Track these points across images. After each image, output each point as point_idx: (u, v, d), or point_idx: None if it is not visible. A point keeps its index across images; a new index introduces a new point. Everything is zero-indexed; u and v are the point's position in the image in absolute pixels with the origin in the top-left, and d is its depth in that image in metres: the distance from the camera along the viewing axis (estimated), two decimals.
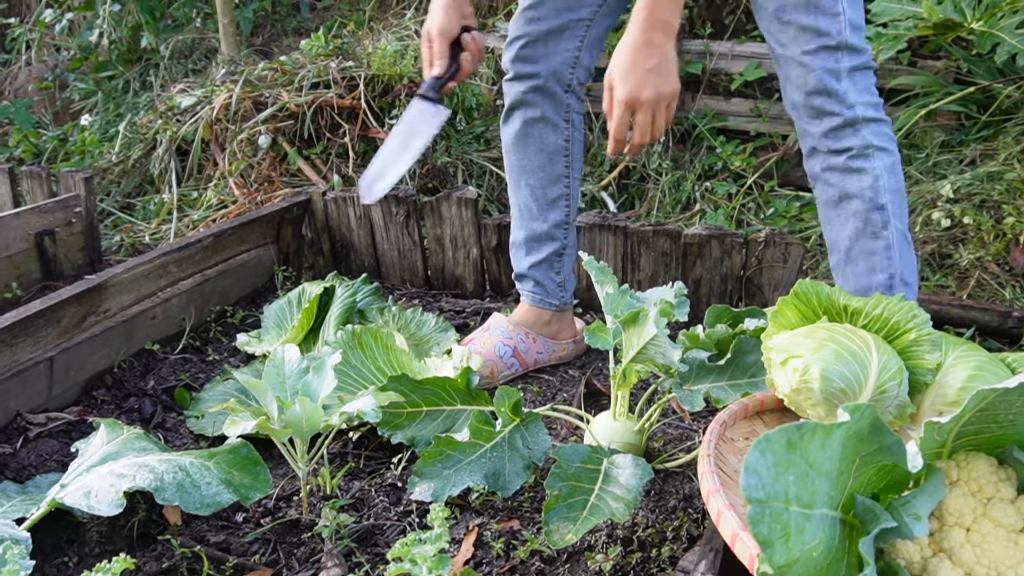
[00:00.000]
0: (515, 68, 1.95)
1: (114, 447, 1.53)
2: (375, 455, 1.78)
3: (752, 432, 1.36)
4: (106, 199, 3.48)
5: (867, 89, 1.72)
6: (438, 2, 1.90)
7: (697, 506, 1.56)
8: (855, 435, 0.87)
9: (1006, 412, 0.95)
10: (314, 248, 2.75)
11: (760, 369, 1.53)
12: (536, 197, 2.04)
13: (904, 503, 0.93)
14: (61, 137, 4.10)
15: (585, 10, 1.88)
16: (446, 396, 1.72)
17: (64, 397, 1.92)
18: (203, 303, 2.34)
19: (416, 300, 2.58)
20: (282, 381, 1.60)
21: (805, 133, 1.76)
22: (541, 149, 1.99)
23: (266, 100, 3.33)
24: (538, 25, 1.88)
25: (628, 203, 3.56)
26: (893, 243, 1.72)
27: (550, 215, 2.05)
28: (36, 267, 2.65)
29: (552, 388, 2.08)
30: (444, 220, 2.59)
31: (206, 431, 1.85)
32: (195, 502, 1.38)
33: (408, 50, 3.64)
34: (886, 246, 1.72)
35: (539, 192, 2.03)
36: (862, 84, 1.70)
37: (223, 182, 3.25)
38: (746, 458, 0.77)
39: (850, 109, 1.68)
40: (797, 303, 1.34)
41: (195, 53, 4.61)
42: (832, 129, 1.70)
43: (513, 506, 1.59)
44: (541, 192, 2.03)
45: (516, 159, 2.04)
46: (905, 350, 1.25)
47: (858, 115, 1.69)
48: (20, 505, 1.49)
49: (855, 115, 1.68)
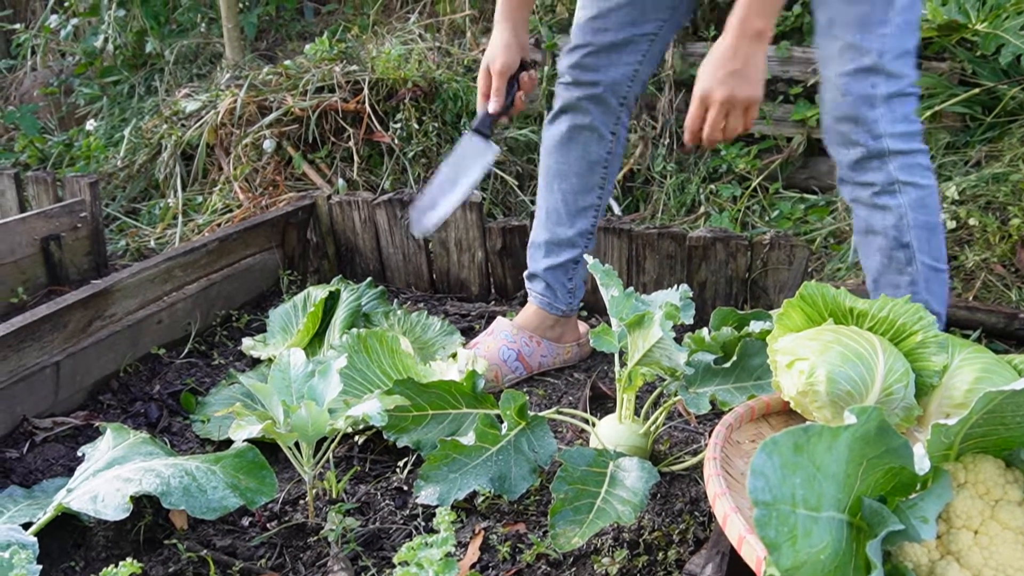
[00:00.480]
0: (574, 74, 1.93)
1: (120, 451, 1.53)
2: (381, 459, 1.78)
3: (758, 435, 1.35)
4: (111, 204, 3.49)
5: (904, 118, 1.66)
6: (501, 38, 1.90)
7: (703, 509, 1.55)
8: (862, 437, 0.87)
9: (1013, 414, 0.95)
10: (319, 252, 2.75)
11: (766, 371, 1.52)
12: (567, 203, 2.03)
13: (911, 506, 0.93)
14: (66, 142, 4.11)
15: (650, 25, 1.88)
16: (451, 400, 1.72)
17: (70, 402, 1.92)
18: (208, 307, 2.35)
19: (421, 304, 2.58)
20: (288, 385, 1.60)
21: (835, 159, 1.74)
22: (583, 156, 1.98)
23: (271, 104, 3.34)
24: (603, 36, 1.88)
25: (633, 206, 3.56)
26: (918, 279, 1.71)
27: (577, 222, 2.04)
28: (42, 272, 2.66)
29: (558, 391, 2.08)
30: (449, 224, 2.59)
31: (212, 435, 1.85)
32: (201, 506, 1.38)
33: (412, 54, 3.64)
34: (910, 281, 1.71)
35: (571, 198, 2.02)
36: (899, 112, 1.65)
37: (228, 186, 3.25)
38: (752, 460, 0.77)
39: (876, 140, 1.64)
40: (803, 305, 1.34)
41: (200, 58, 4.62)
42: (857, 161, 1.68)
43: (519, 509, 1.59)
44: (573, 199, 2.02)
45: (555, 161, 2.02)
46: (911, 352, 1.25)
47: (885, 147, 1.64)
48: (27, 509, 1.49)
49: (881, 147, 1.64)
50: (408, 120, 3.27)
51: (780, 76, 3.64)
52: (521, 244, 2.54)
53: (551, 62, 3.86)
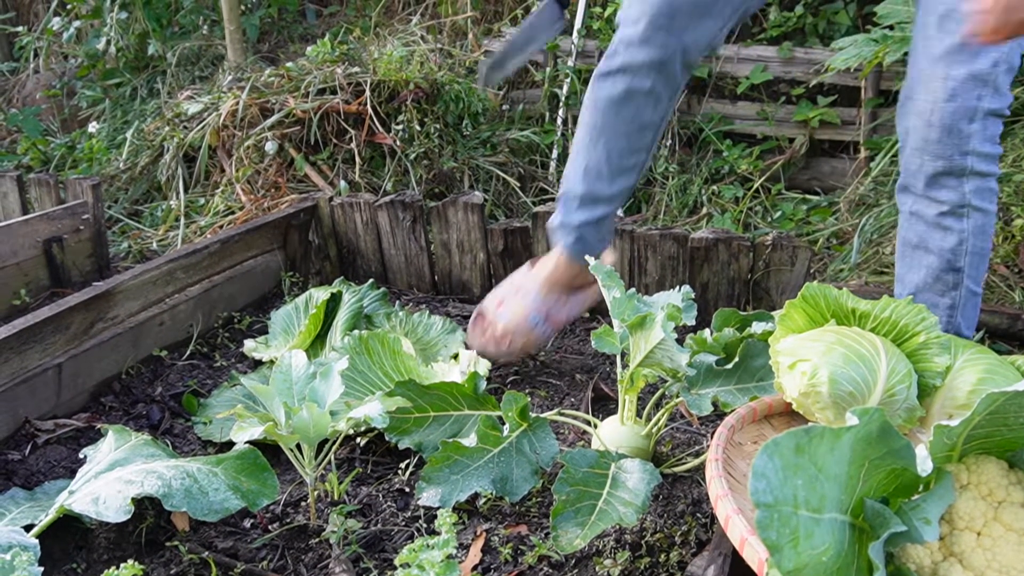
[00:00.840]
0: (645, 33, 1.78)
1: (122, 453, 1.53)
2: (383, 460, 1.78)
3: (760, 436, 1.35)
4: (114, 206, 3.49)
5: (992, 139, 1.58)
6: None
7: (706, 510, 1.55)
8: (864, 439, 0.86)
9: (1016, 415, 0.94)
10: (321, 254, 2.75)
11: (768, 373, 1.52)
12: (611, 161, 1.93)
13: (914, 507, 0.93)
14: (69, 144, 4.12)
15: None
16: (453, 401, 1.72)
17: (72, 403, 1.92)
18: (210, 309, 2.35)
19: (423, 305, 2.58)
20: (289, 387, 1.60)
21: (907, 162, 1.64)
22: (634, 119, 1.88)
23: (273, 106, 3.34)
24: None
25: (635, 207, 3.56)
26: (958, 303, 1.66)
27: (618, 180, 1.95)
28: (44, 274, 2.66)
29: (560, 392, 2.07)
30: (451, 225, 2.59)
31: (214, 437, 1.85)
32: (203, 508, 1.38)
33: (414, 56, 3.65)
34: (950, 305, 1.67)
35: (615, 157, 1.93)
36: (991, 131, 1.57)
37: (230, 188, 3.25)
38: (754, 462, 0.77)
39: (963, 156, 1.55)
40: (805, 306, 1.33)
41: (202, 60, 4.63)
42: (934, 175, 1.58)
43: (521, 511, 1.59)
44: (618, 158, 1.93)
45: (604, 119, 1.91)
46: (914, 353, 1.24)
47: (968, 165, 1.56)
48: (29, 511, 1.49)
49: (964, 165, 1.56)
50: (410, 122, 3.27)
51: (782, 77, 3.64)
52: (523, 246, 2.54)
53: (553, 63, 3.86)
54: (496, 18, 4.55)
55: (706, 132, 3.64)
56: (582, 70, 3.76)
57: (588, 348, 2.30)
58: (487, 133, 3.60)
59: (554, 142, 3.72)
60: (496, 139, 3.60)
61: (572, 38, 3.77)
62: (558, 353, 2.27)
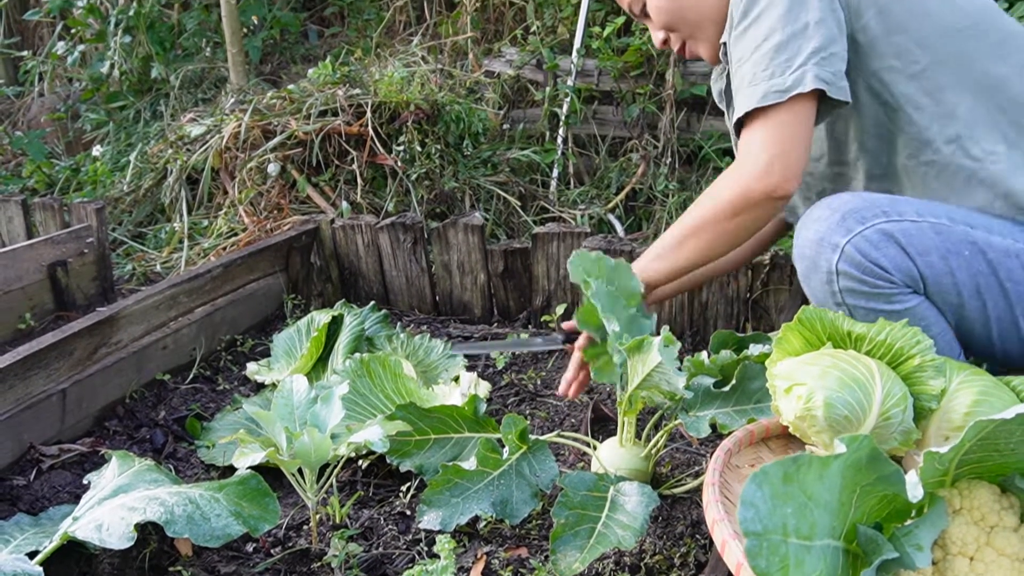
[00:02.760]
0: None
1: (125, 479, 1.54)
2: (384, 483, 1.79)
3: (758, 459, 1.36)
4: (118, 228, 3.52)
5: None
6: None
7: (704, 532, 1.56)
8: (853, 465, 0.87)
9: (1006, 441, 0.95)
10: (323, 276, 2.77)
11: (765, 395, 1.53)
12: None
13: (907, 533, 0.94)
14: (73, 167, 4.16)
15: None
16: (453, 424, 1.73)
17: (77, 428, 1.94)
18: (213, 332, 2.36)
19: (424, 326, 2.60)
20: (291, 412, 1.61)
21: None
22: None
23: (275, 128, 3.37)
24: None
25: (635, 225, 3.58)
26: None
27: None
28: (49, 298, 2.68)
29: (560, 413, 2.08)
30: (451, 246, 2.61)
31: (216, 461, 1.86)
32: (205, 534, 1.39)
33: (414, 77, 3.68)
34: None
35: None
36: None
37: (233, 210, 3.28)
38: (742, 491, 0.78)
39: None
40: (801, 329, 1.34)
41: (205, 82, 4.66)
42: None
43: (521, 534, 1.59)
44: None
45: None
46: (909, 376, 1.25)
47: None
48: (33, 538, 1.50)
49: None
50: (411, 142, 3.30)
51: None
52: (523, 266, 2.56)
53: (553, 83, 3.88)
54: (496, 38, 4.58)
55: (706, 149, 3.66)
56: (581, 89, 3.79)
57: None
58: (488, 153, 3.62)
59: (554, 161, 3.74)
60: (497, 159, 3.62)
61: (572, 57, 3.79)
62: (558, 373, 2.28)
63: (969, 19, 1.51)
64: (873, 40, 1.50)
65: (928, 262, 1.36)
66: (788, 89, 1.41)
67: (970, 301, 1.39)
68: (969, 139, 1.48)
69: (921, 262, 1.36)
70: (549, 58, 3.87)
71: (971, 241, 1.38)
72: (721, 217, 1.47)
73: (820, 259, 1.41)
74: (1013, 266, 1.38)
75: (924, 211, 1.40)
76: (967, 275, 1.37)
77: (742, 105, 1.47)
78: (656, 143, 3.74)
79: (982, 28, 1.51)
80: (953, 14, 1.51)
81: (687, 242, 1.52)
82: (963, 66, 1.49)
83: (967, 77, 1.49)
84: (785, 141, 1.43)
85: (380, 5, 5.04)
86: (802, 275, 1.48)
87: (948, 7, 1.51)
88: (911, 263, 1.36)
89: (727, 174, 1.48)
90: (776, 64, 1.43)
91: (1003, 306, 1.39)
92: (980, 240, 1.39)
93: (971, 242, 1.38)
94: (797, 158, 1.43)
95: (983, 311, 1.40)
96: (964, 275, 1.37)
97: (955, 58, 1.49)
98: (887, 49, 1.50)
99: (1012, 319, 1.40)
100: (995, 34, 1.51)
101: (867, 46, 1.51)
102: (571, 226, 2.52)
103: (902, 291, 1.37)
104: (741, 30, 1.51)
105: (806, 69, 1.41)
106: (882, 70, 1.51)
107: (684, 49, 1.77)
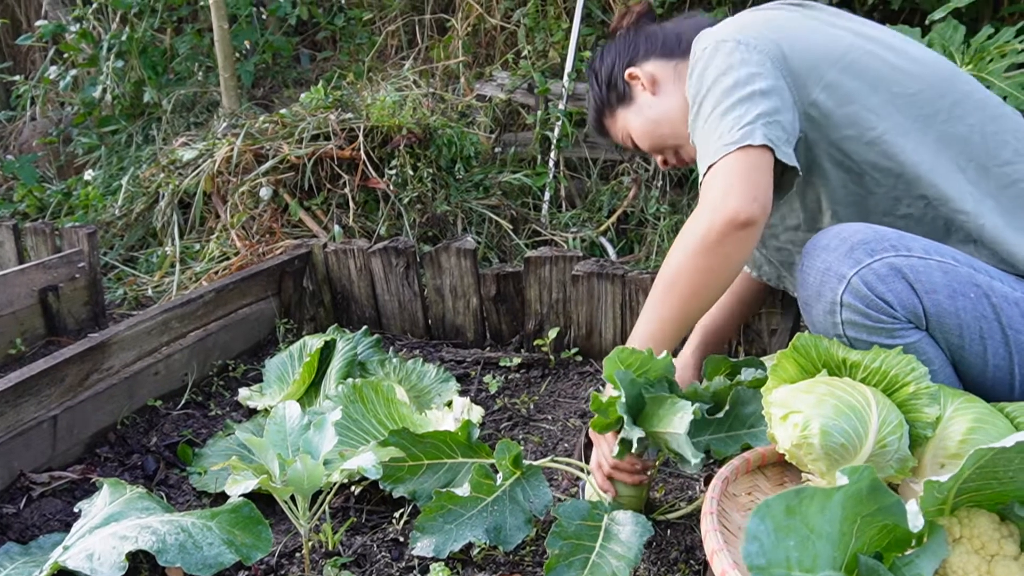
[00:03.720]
0: None
1: (117, 507, 1.53)
2: (377, 509, 1.78)
3: (754, 487, 1.35)
4: (109, 252, 3.51)
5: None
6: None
7: (699, 557, 1.55)
8: (854, 496, 0.87)
9: (1005, 469, 0.95)
10: (315, 300, 2.76)
11: (759, 419, 1.53)
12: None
13: (907, 562, 0.93)
14: (65, 191, 4.14)
15: None
16: (447, 449, 1.73)
17: (68, 455, 1.92)
18: (205, 358, 2.35)
19: (417, 350, 2.59)
20: (283, 438, 1.60)
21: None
22: None
23: (267, 152, 3.37)
24: None
25: (627, 247, 3.58)
26: None
27: None
28: (40, 323, 2.66)
29: (553, 438, 2.08)
30: (444, 270, 2.60)
31: (209, 488, 1.85)
32: (197, 563, 1.38)
33: (406, 100, 3.69)
34: None
35: None
36: None
37: (225, 234, 3.27)
38: (747, 525, 0.78)
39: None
40: (796, 356, 1.34)
41: (197, 106, 4.67)
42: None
43: (515, 560, 1.58)
44: None
45: None
46: (904, 403, 1.25)
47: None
48: (23, 567, 1.48)
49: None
50: (403, 166, 3.30)
51: None
52: (515, 290, 2.55)
53: (544, 106, 3.90)
54: (488, 62, 4.60)
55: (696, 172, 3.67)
56: (573, 113, 3.80)
57: (581, 392, 2.30)
58: (479, 176, 3.63)
59: (546, 184, 3.75)
60: (489, 182, 3.63)
61: (563, 81, 3.81)
62: (551, 397, 2.28)
63: (921, 83, 1.52)
64: (826, 113, 1.52)
65: (935, 300, 1.35)
66: (737, 142, 1.41)
67: (971, 344, 1.38)
68: (936, 199, 1.49)
69: (928, 300, 1.35)
70: (540, 82, 3.89)
71: (975, 284, 1.38)
72: (692, 259, 1.43)
73: (825, 288, 1.40)
74: (1014, 314, 1.38)
75: (931, 249, 1.40)
76: (971, 317, 1.36)
77: (702, 169, 1.49)
78: (647, 166, 3.76)
79: (936, 91, 1.51)
80: (904, 80, 1.52)
81: (670, 296, 1.48)
82: (919, 129, 1.50)
83: (925, 139, 1.50)
84: (739, 174, 1.42)
85: (372, 29, 5.06)
86: (803, 302, 1.47)
87: (899, 73, 1.52)
88: (917, 300, 1.35)
89: (688, 222, 1.47)
90: (725, 126, 1.44)
91: (1003, 353, 1.38)
92: (984, 284, 1.38)
93: (976, 284, 1.38)
94: (755, 184, 1.41)
95: (983, 355, 1.39)
96: (969, 317, 1.36)
97: (910, 122, 1.50)
98: (841, 120, 1.51)
99: (1009, 367, 1.40)
100: (950, 95, 1.51)
101: (821, 119, 1.52)
102: (563, 250, 2.52)
103: (904, 327, 1.36)
104: (695, 112, 1.53)
105: (754, 127, 1.41)
106: (840, 140, 1.53)
107: (681, 160, 1.84)
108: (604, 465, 1.56)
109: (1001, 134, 1.50)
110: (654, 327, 1.50)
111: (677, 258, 1.45)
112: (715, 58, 1.51)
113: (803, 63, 1.52)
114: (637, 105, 1.80)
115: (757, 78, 1.47)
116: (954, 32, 2.91)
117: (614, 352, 1.43)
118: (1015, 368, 1.39)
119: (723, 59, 1.50)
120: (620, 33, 1.87)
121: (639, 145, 1.85)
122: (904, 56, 1.55)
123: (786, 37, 1.53)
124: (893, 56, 1.54)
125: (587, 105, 1.95)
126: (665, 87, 1.76)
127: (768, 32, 1.54)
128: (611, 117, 1.87)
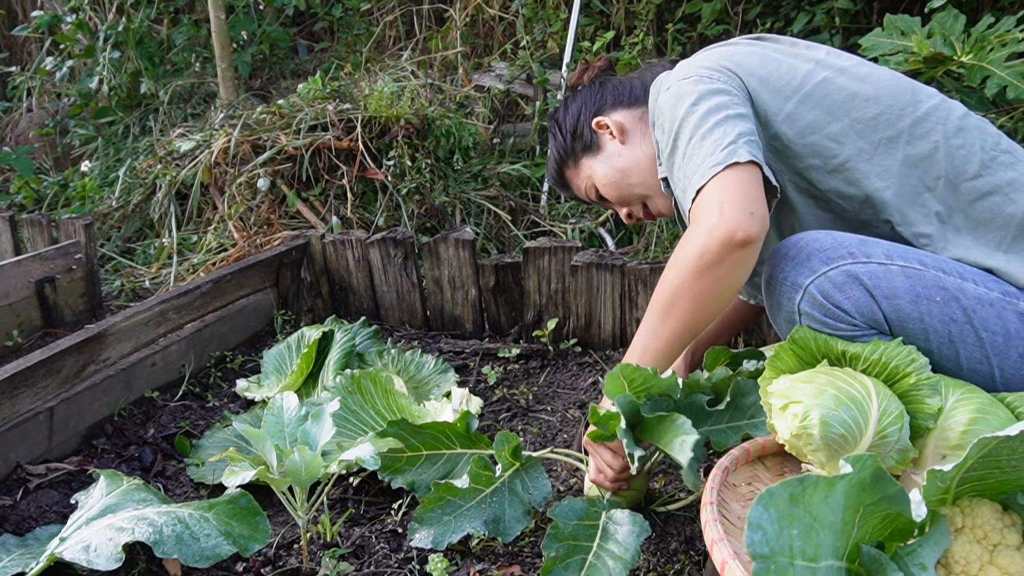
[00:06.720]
0: None
1: (113, 499, 1.52)
2: (376, 500, 1.77)
3: (754, 477, 1.35)
4: (106, 244, 3.49)
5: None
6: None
7: (699, 548, 1.54)
8: (858, 485, 0.86)
9: (1008, 458, 0.94)
10: (313, 291, 2.75)
11: (759, 410, 1.52)
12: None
13: (910, 552, 0.93)
14: (62, 183, 4.13)
15: None
16: (446, 440, 1.72)
17: (64, 447, 1.91)
18: (203, 349, 2.34)
19: (415, 341, 2.58)
20: (281, 429, 1.60)
21: None
22: None
23: (264, 143, 3.36)
24: None
25: (626, 239, 3.57)
26: None
27: None
28: (37, 314, 2.65)
29: (552, 429, 2.07)
30: (442, 261, 2.59)
31: (206, 479, 1.84)
32: (194, 554, 1.37)
33: (404, 91, 3.67)
34: None
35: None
36: None
37: (222, 225, 3.26)
38: (750, 513, 0.77)
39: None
40: (795, 348, 1.33)
41: (194, 97, 4.65)
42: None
43: (514, 551, 1.58)
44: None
45: None
46: (905, 394, 1.24)
47: None
48: (20, 559, 1.48)
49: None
50: (401, 157, 3.29)
51: None
52: (514, 281, 2.55)
53: (543, 97, 3.89)
54: (486, 52, 4.59)
55: None
56: None
57: (580, 383, 2.30)
58: (478, 167, 3.62)
59: (544, 175, 3.74)
60: (487, 173, 3.61)
61: (561, 72, 3.80)
62: (550, 388, 2.27)
63: (880, 105, 1.50)
64: (788, 144, 1.51)
65: (895, 306, 1.33)
66: (723, 161, 1.38)
67: (940, 347, 1.36)
68: (901, 224, 1.47)
69: (887, 305, 1.33)
70: (539, 72, 3.87)
71: (942, 287, 1.35)
72: (691, 281, 1.40)
73: (783, 299, 1.40)
74: (988, 315, 1.35)
75: (893, 253, 1.38)
76: (938, 321, 1.34)
77: (687, 200, 1.45)
78: None
79: (896, 112, 1.49)
80: (862, 105, 1.50)
81: (669, 317, 1.46)
82: (881, 153, 1.48)
83: (888, 162, 1.48)
84: (731, 191, 1.38)
85: (370, 20, 5.04)
86: (768, 311, 1.48)
87: (857, 99, 1.50)
88: (875, 306, 1.33)
89: (683, 241, 1.43)
90: (707, 149, 1.41)
91: (978, 356, 1.36)
92: (952, 287, 1.36)
93: (942, 288, 1.35)
94: (750, 198, 1.38)
95: (955, 359, 1.36)
96: (935, 321, 1.34)
97: (873, 147, 1.49)
98: (803, 150, 1.50)
99: (989, 371, 1.37)
100: (910, 115, 1.49)
101: (783, 150, 1.51)
102: (562, 240, 2.51)
103: (865, 332, 1.35)
104: (670, 148, 1.50)
105: (737, 146, 1.38)
106: (803, 169, 1.51)
107: (648, 213, 1.81)
108: (608, 471, 1.54)
109: (966, 147, 1.47)
110: (652, 349, 1.47)
111: (674, 278, 1.42)
112: (683, 92, 1.49)
113: (761, 97, 1.51)
114: (605, 154, 1.76)
115: (729, 104, 1.45)
116: (954, 21, 2.89)
117: (617, 369, 1.41)
118: (995, 371, 1.36)
119: (691, 89, 1.48)
120: (582, 86, 1.85)
121: (604, 195, 1.80)
122: (862, 80, 1.53)
123: (745, 71, 1.52)
124: (850, 81, 1.52)
125: (548, 156, 1.90)
126: (633, 136, 1.73)
127: (729, 66, 1.53)
128: (574, 168, 1.83)
